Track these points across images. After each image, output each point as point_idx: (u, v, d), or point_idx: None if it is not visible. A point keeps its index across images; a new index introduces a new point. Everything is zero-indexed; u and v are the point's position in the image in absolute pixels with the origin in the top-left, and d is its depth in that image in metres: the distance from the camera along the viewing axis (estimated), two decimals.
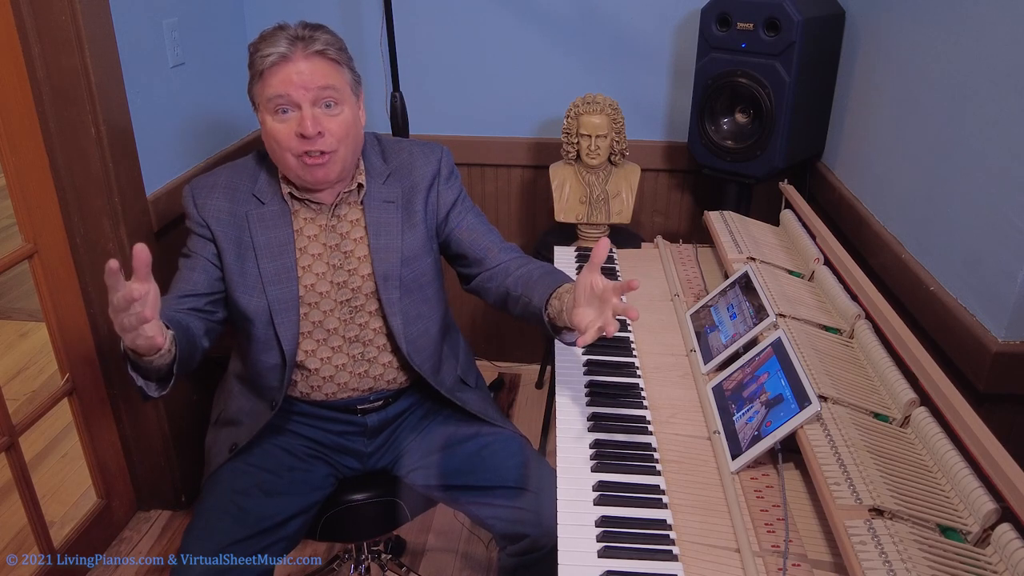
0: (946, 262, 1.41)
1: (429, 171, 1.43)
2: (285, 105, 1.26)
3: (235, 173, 1.39)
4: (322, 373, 1.40)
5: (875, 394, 1.14)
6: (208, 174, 1.40)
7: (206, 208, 1.35)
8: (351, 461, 1.48)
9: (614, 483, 1.08)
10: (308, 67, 1.25)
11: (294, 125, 1.26)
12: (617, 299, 1.07)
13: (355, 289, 1.39)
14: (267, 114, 1.28)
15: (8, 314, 3.24)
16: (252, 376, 1.42)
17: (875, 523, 0.89)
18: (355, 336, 1.40)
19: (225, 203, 1.36)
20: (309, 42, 1.26)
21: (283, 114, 1.26)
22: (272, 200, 1.37)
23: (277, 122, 1.27)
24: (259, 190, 1.37)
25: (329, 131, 1.27)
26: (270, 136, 1.29)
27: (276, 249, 1.35)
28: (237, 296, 1.35)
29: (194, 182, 1.39)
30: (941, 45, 1.47)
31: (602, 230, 2.16)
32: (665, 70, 2.29)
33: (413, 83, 2.31)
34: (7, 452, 1.67)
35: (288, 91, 1.24)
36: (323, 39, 1.28)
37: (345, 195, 1.38)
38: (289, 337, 1.35)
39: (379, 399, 1.46)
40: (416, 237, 1.41)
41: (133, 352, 1.11)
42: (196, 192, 1.37)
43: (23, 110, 1.63)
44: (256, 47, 1.28)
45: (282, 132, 1.27)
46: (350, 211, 1.39)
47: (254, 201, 1.37)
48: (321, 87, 1.25)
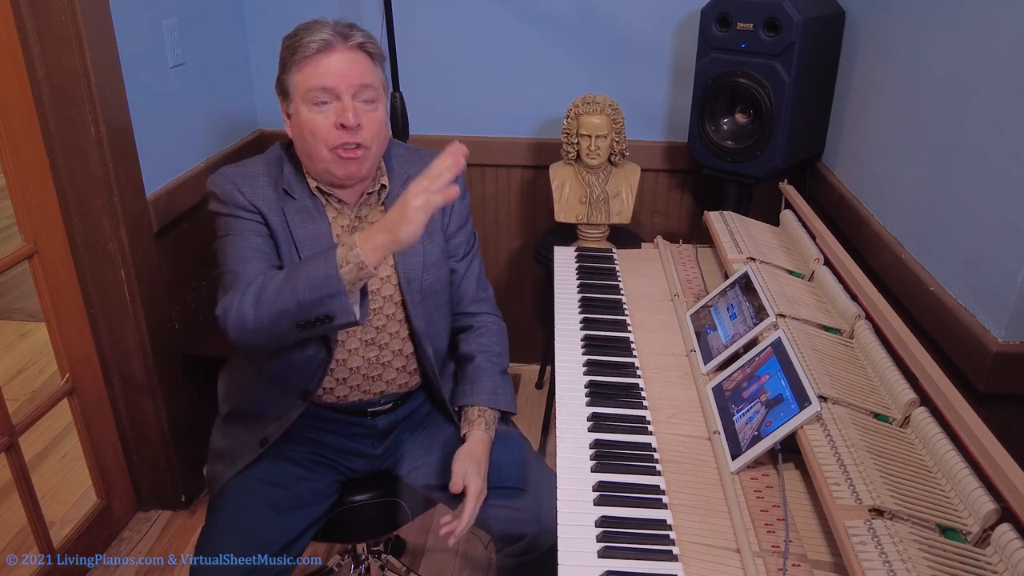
0: (946, 262, 1.41)
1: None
2: (326, 96, 1.24)
3: (261, 168, 1.35)
4: (336, 375, 1.39)
5: (875, 394, 1.14)
6: (239, 165, 1.35)
7: (255, 196, 1.30)
8: (357, 463, 1.47)
9: (614, 483, 1.08)
10: (351, 58, 1.25)
11: (332, 116, 1.24)
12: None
13: (374, 291, 1.37)
14: (303, 104, 1.26)
15: (8, 314, 3.24)
16: (279, 370, 1.36)
17: (875, 523, 0.89)
18: (371, 339, 1.39)
19: (271, 192, 1.31)
20: (350, 36, 1.26)
21: (322, 105, 1.25)
22: (302, 195, 1.34)
23: (315, 113, 1.25)
24: (288, 184, 1.34)
25: (366, 126, 1.26)
26: (305, 126, 1.26)
27: (316, 242, 1.32)
28: None
29: (227, 172, 1.32)
30: (941, 45, 1.47)
31: (602, 230, 2.16)
32: (665, 70, 2.29)
33: (413, 83, 2.31)
34: (7, 452, 1.67)
35: (330, 81, 1.23)
36: (362, 33, 1.29)
37: (368, 196, 1.36)
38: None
39: (389, 402, 1.45)
40: (435, 245, 1.41)
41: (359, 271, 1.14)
42: (238, 181, 1.30)
43: (23, 110, 1.63)
44: (295, 35, 1.26)
45: (320, 123, 1.25)
46: (371, 213, 1.38)
47: (286, 196, 1.34)
48: (362, 84, 1.25)
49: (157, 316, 1.91)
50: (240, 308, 1.20)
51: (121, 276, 1.80)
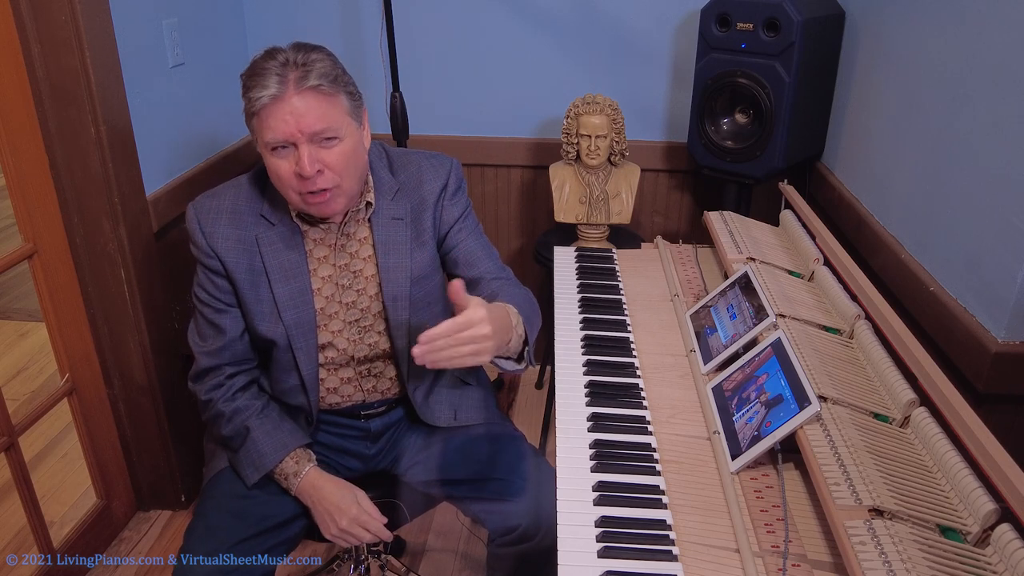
0: (946, 262, 1.41)
1: (437, 185, 1.38)
2: (282, 144, 1.20)
3: (240, 194, 1.34)
4: (327, 385, 1.40)
5: (875, 394, 1.14)
6: (211, 195, 1.34)
7: (214, 236, 1.30)
8: (353, 462, 1.48)
9: (614, 483, 1.08)
10: (302, 105, 1.18)
11: (293, 163, 1.21)
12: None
13: (364, 309, 1.37)
14: (265, 151, 1.23)
15: (8, 314, 3.24)
16: (275, 392, 1.41)
17: (875, 523, 0.89)
18: (364, 356, 1.39)
19: (232, 230, 1.31)
20: (301, 77, 1.18)
21: (282, 150, 1.21)
22: (281, 221, 1.33)
23: (278, 158, 1.22)
24: (267, 211, 1.33)
25: (328, 166, 1.21)
26: (271, 172, 1.24)
27: (289, 271, 1.32)
28: (255, 324, 1.33)
29: (198, 203, 1.33)
30: (941, 45, 1.47)
31: (602, 230, 2.16)
32: (665, 70, 2.29)
33: (413, 83, 2.31)
34: (7, 452, 1.67)
35: (282, 134, 1.18)
36: (317, 70, 1.19)
37: (354, 213, 1.34)
38: (307, 361, 1.34)
39: (383, 405, 1.46)
40: (425, 255, 1.38)
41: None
42: (201, 216, 1.31)
43: (23, 110, 1.63)
44: (246, 85, 1.20)
45: (283, 169, 1.22)
46: (359, 229, 1.36)
47: (263, 223, 1.32)
48: (314, 131, 1.19)
49: (157, 316, 1.91)
50: (194, 384, 1.39)
51: (121, 276, 1.80)
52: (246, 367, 1.38)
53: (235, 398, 1.35)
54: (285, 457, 1.31)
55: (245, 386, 1.38)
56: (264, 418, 1.34)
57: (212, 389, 1.35)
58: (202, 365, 1.35)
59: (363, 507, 1.31)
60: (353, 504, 1.30)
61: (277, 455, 1.31)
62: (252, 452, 1.31)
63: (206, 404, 1.37)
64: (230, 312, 1.34)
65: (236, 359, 1.36)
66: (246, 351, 1.37)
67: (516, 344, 1.25)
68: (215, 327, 1.34)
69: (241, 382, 1.37)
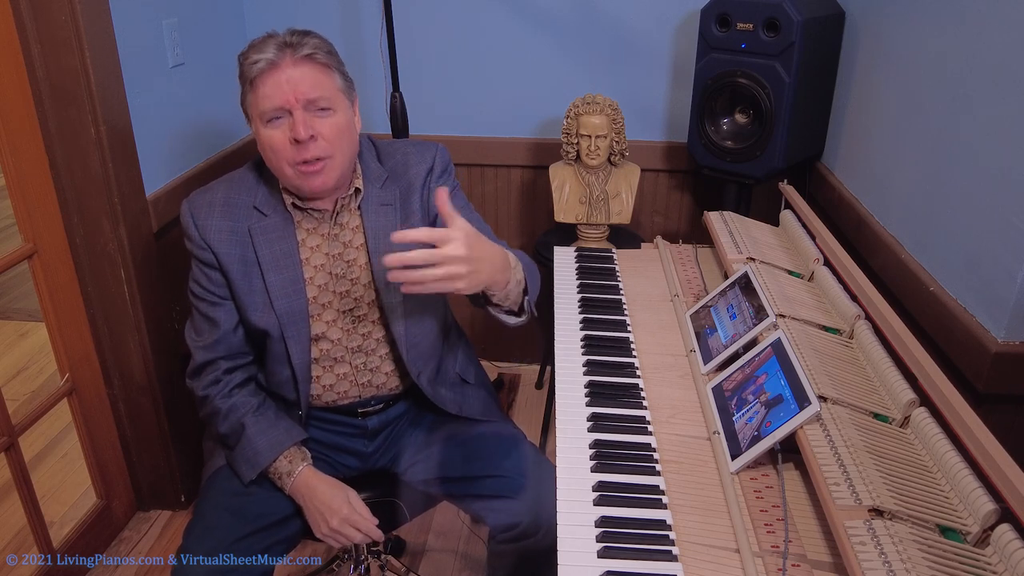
0: (946, 262, 1.41)
1: (423, 169, 1.40)
2: (279, 113, 1.23)
3: (232, 187, 1.36)
4: (323, 382, 1.40)
5: (875, 394, 1.14)
6: (205, 190, 1.37)
7: (207, 229, 1.32)
8: (351, 461, 1.48)
9: (614, 483, 1.08)
10: (298, 73, 1.22)
11: (287, 131, 1.23)
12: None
13: (357, 299, 1.38)
14: (260, 123, 1.25)
15: (8, 314, 3.24)
16: (269, 386, 1.41)
17: (875, 523, 0.89)
18: (358, 347, 1.39)
19: (225, 222, 1.33)
20: (297, 47, 1.23)
21: (276, 121, 1.24)
22: (274, 211, 1.35)
23: (272, 129, 1.24)
24: (260, 202, 1.35)
25: (322, 135, 1.24)
26: (265, 146, 1.27)
27: (281, 261, 1.33)
28: (248, 315, 1.34)
29: (192, 199, 1.35)
30: (941, 45, 1.47)
31: (602, 230, 2.16)
32: (665, 70, 2.29)
33: (413, 83, 2.31)
34: (7, 452, 1.67)
35: (279, 99, 1.22)
36: (311, 43, 1.25)
37: (344, 201, 1.36)
38: (299, 352, 1.35)
39: (380, 403, 1.46)
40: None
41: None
42: (195, 211, 1.34)
43: (23, 110, 1.63)
44: (245, 55, 1.25)
45: (277, 139, 1.24)
46: (351, 218, 1.37)
47: (256, 214, 1.34)
48: (310, 98, 1.23)
49: (157, 316, 1.91)
50: (191, 381, 1.39)
51: (121, 276, 1.80)
52: (242, 362, 1.39)
53: (231, 395, 1.36)
54: (279, 456, 1.31)
55: (242, 383, 1.38)
56: (260, 416, 1.34)
57: (209, 385, 1.36)
58: (198, 360, 1.36)
59: (354, 507, 1.31)
60: (344, 504, 1.30)
61: (271, 453, 1.31)
62: (247, 449, 1.32)
63: (203, 400, 1.37)
64: (224, 305, 1.35)
65: (231, 353, 1.36)
66: (241, 345, 1.37)
67: (516, 292, 1.27)
68: (209, 320, 1.35)
69: (238, 379, 1.37)
